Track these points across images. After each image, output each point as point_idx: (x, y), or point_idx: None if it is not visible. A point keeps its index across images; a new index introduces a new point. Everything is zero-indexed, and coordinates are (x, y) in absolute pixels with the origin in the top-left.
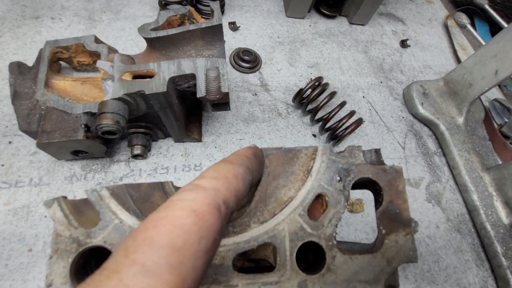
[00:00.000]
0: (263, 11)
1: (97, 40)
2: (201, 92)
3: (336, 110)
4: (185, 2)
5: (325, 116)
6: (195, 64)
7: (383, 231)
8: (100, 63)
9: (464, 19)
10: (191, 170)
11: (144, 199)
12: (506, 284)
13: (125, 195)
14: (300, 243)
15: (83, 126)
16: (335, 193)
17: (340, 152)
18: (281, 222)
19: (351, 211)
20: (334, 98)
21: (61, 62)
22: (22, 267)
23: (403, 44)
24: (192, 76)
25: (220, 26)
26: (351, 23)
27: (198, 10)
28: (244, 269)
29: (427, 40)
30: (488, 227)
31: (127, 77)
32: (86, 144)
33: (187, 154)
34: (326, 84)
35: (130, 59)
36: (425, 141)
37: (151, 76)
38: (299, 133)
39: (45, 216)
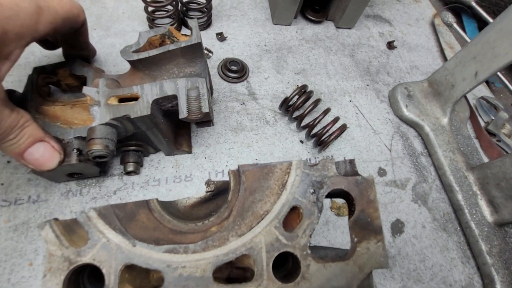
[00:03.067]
0: (250, 19)
1: (83, 64)
2: (183, 113)
3: (321, 117)
4: (173, 16)
5: (311, 123)
6: (176, 85)
7: (355, 239)
8: (86, 90)
9: (450, 18)
10: (182, 181)
11: (130, 218)
12: (491, 281)
13: (111, 215)
14: (276, 254)
15: (75, 150)
16: (308, 205)
17: (314, 165)
18: (257, 235)
19: (338, 215)
20: (321, 104)
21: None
22: (23, 281)
23: (390, 45)
24: (174, 97)
25: (199, 44)
26: (337, 27)
27: (185, 24)
28: (232, 278)
29: (414, 40)
30: (473, 225)
31: (113, 101)
32: (80, 167)
33: (178, 165)
34: (311, 92)
35: (115, 82)
36: (411, 142)
37: (136, 99)
38: (287, 140)
39: None
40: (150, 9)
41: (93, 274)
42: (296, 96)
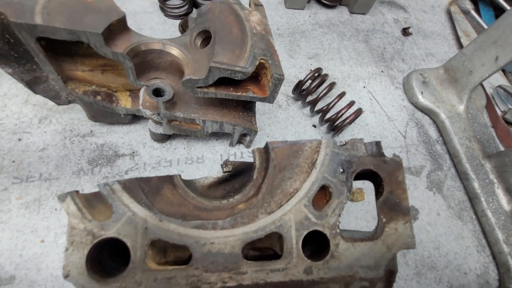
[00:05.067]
0: (263, 2)
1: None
2: (232, 144)
3: (336, 100)
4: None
5: (325, 107)
6: (234, 128)
7: (384, 220)
8: (147, 113)
9: (467, 4)
10: (194, 163)
11: (155, 192)
12: (507, 270)
13: (136, 189)
14: (305, 232)
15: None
16: (338, 184)
17: (343, 145)
18: (287, 213)
19: (351, 200)
20: (334, 88)
21: None
22: (35, 257)
23: (405, 32)
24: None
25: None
26: (351, 13)
27: (196, 5)
28: (249, 258)
29: (430, 28)
30: (489, 214)
31: (175, 124)
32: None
33: (189, 147)
34: (326, 75)
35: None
36: (426, 129)
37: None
38: (299, 124)
39: (56, 209)
40: None
41: (114, 250)
42: (310, 80)
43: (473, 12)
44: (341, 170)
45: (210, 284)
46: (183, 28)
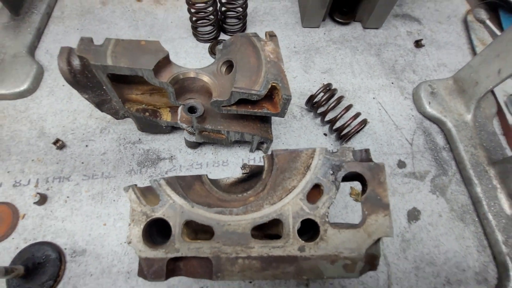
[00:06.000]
0: (281, 24)
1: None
2: (251, 150)
3: (343, 112)
4: (214, 24)
5: (333, 118)
6: (253, 137)
7: (366, 212)
8: (183, 126)
9: (482, 14)
10: (220, 166)
11: (188, 187)
12: (506, 269)
13: (175, 184)
14: (300, 220)
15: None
16: (328, 183)
17: (334, 152)
18: (286, 204)
19: (356, 200)
20: (344, 100)
21: None
22: (100, 236)
23: (417, 44)
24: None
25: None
26: (365, 28)
27: (224, 30)
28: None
29: (444, 38)
30: (490, 217)
31: (205, 134)
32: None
33: (216, 152)
34: (335, 90)
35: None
36: (433, 137)
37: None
38: (312, 133)
39: (114, 200)
40: (194, 18)
41: (160, 230)
42: (321, 94)
43: (488, 22)
44: (331, 172)
45: (227, 254)
46: (212, 50)
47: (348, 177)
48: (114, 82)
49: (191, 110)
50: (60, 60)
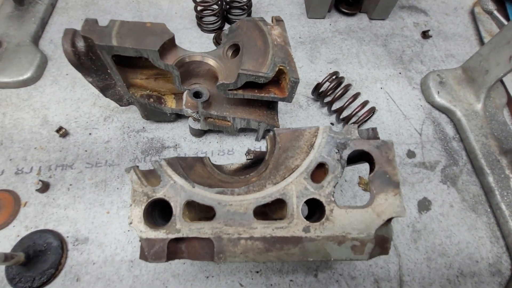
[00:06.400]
0: (286, 14)
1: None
2: (257, 139)
3: (350, 100)
4: (218, 14)
5: (340, 107)
6: (259, 125)
7: (374, 191)
8: (189, 112)
9: (490, 5)
10: (225, 154)
11: (189, 168)
12: None
13: (176, 164)
14: (304, 199)
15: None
16: (333, 162)
17: (339, 131)
18: (289, 184)
19: (365, 190)
20: (351, 90)
21: None
22: (103, 224)
23: (424, 35)
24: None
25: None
26: (371, 19)
27: (228, 21)
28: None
29: (451, 29)
30: (503, 207)
31: (210, 121)
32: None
33: (221, 141)
34: (342, 78)
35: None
36: (443, 127)
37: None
38: (318, 123)
39: (117, 188)
40: (198, 8)
41: (162, 214)
42: (328, 83)
43: (496, 13)
44: (336, 150)
45: (229, 234)
46: (217, 40)
47: (355, 157)
48: (119, 66)
49: (197, 95)
50: (65, 41)
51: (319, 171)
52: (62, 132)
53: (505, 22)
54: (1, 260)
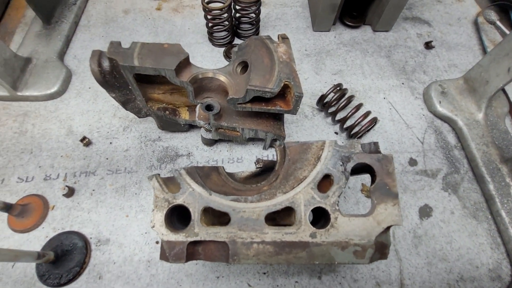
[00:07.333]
0: (293, 28)
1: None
2: (265, 147)
3: (353, 111)
4: (228, 30)
5: (343, 117)
6: (266, 135)
7: (375, 202)
8: (201, 123)
9: (492, 15)
10: (235, 162)
11: (206, 176)
12: None
13: (194, 173)
14: (311, 207)
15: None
16: (338, 173)
17: (344, 145)
18: (298, 193)
19: (367, 197)
20: (354, 100)
21: None
22: (122, 227)
23: (428, 45)
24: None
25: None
26: (374, 31)
27: (238, 35)
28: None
29: (455, 40)
30: (504, 214)
31: (221, 131)
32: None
33: (231, 149)
34: (345, 89)
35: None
36: (445, 136)
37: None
38: (323, 132)
39: (136, 194)
40: (210, 24)
41: (180, 218)
42: (332, 93)
43: (499, 23)
44: (340, 163)
45: (242, 238)
46: (227, 54)
47: (358, 169)
48: (139, 82)
49: (209, 108)
50: (92, 61)
51: (325, 182)
52: (86, 142)
53: (508, 32)
54: (34, 258)
